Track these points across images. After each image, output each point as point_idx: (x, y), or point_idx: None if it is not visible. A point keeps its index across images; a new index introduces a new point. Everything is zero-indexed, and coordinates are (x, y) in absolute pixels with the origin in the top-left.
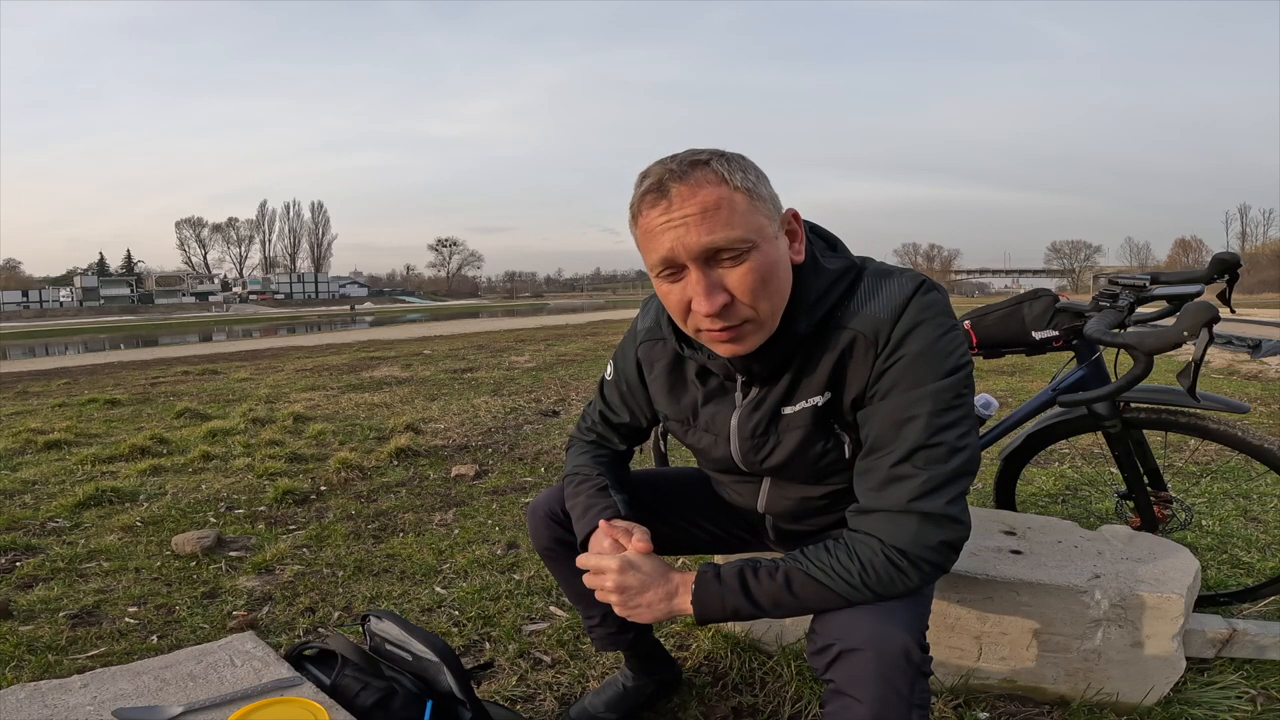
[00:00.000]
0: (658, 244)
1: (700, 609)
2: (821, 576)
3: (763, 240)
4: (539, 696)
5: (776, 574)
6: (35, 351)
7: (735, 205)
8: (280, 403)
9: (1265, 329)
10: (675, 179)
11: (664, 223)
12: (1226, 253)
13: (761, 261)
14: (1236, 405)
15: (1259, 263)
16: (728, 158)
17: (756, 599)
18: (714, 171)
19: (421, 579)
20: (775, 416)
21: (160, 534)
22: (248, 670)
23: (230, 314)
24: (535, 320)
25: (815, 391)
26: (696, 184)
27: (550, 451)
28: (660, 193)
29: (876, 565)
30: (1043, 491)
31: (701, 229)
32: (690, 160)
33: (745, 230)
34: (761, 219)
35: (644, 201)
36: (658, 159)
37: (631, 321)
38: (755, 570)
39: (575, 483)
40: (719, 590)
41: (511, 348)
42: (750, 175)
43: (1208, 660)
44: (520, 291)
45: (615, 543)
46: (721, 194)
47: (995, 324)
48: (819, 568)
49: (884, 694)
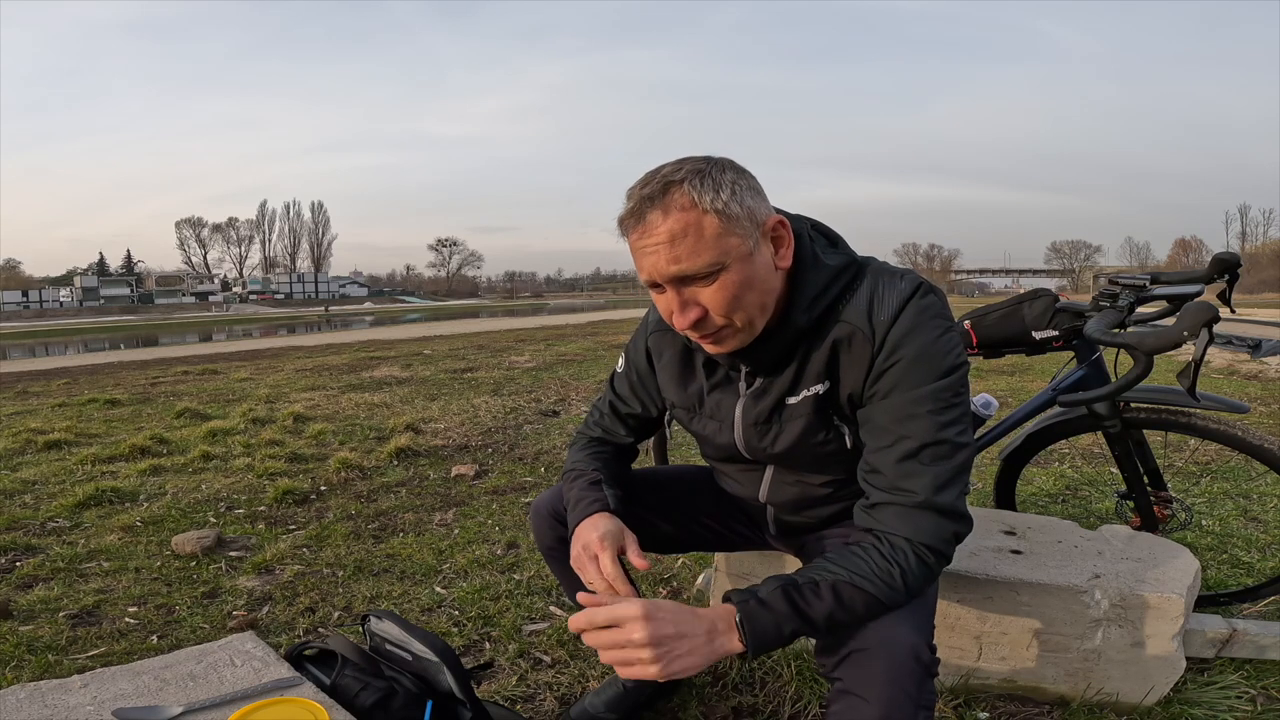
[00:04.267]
0: (639, 264)
1: (756, 641)
2: (868, 585)
3: (734, 260)
4: (539, 696)
5: (821, 589)
6: (35, 351)
7: (703, 230)
8: (280, 403)
9: (1265, 329)
10: (649, 204)
11: (640, 247)
12: (1226, 253)
13: (732, 280)
14: (1236, 405)
15: (1259, 263)
16: (705, 175)
17: (811, 618)
18: (686, 195)
19: (421, 579)
20: (779, 405)
21: (160, 534)
22: (248, 670)
23: (230, 314)
24: (535, 320)
25: (815, 381)
26: (666, 210)
27: (550, 451)
28: (637, 217)
29: (912, 565)
30: (1043, 491)
31: (670, 257)
32: (665, 182)
33: (714, 255)
34: (733, 239)
35: (625, 224)
36: (646, 171)
37: (645, 313)
38: (797, 588)
39: (570, 478)
40: (771, 617)
41: (511, 347)
42: (724, 193)
43: (1208, 660)
44: (520, 291)
45: (610, 588)
46: (689, 220)
47: (995, 324)
48: (864, 576)
49: (892, 694)
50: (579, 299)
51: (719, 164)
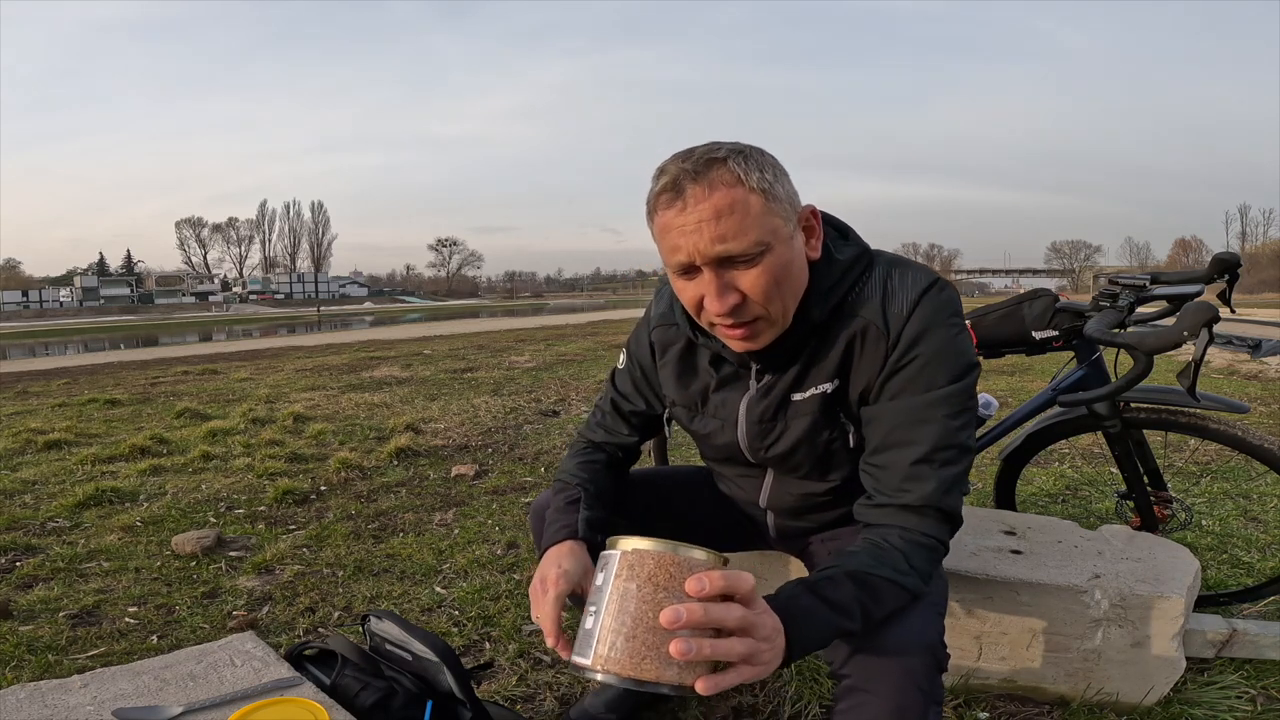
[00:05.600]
0: (673, 244)
1: (799, 644)
2: (881, 570)
3: (777, 242)
4: (539, 696)
5: (838, 579)
6: (35, 351)
7: (750, 208)
8: (280, 403)
9: (1265, 329)
10: (690, 179)
11: (679, 224)
12: (1226, 253)
13: (775, 263)
14: (1236, 405)
15: (1259, 263)
16: (746, 155)
17: (842, 604)
18: (730, 171)
19: (421, 579)
20: (784, 403)
21: (160, 534)
22: (248, 670)
23: (230, 314)
24: (535, 320)
25: (825, 379)
26: (711, 185)
27: (550, 451)
28: (675, 192)
29: (916, 550)
30: (1043, 491)
31: (715, 234)
32: (707, 158)
33: (759, 234)
34: (777, 220)
35: (659, 200)
36: (674, 153)
37: (646, 308)
38: (814, 583)
39: (555, 490)
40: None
41: (511, 347)
42: (768, 174)
43: (1208, 660)
44: (520, 291)
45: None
46: (736, 196)
47: (995, 324)
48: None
49: (905, 688)
50: (579, 299)
51: (755, 147)
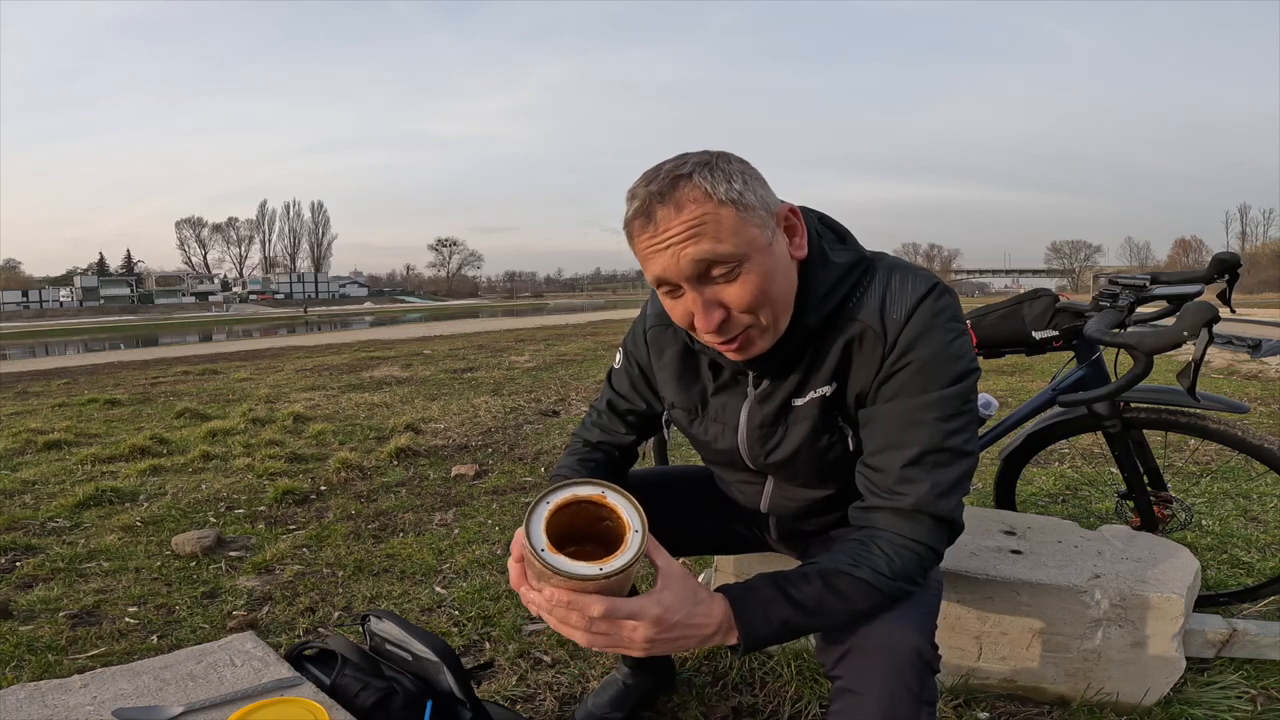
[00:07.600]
0: (650, 267)
1: (746, 627)
2: (855, 570)
3: (755, 251)
4: (539, 696)
5: (809, 575)
6: (35, 351)
7: (721, 221)
8: (280, 403)
9: (1265, 329)
10: (659, 200)
11: (652, 247)
12: (1226, 253)
13: (756, 273)
14: (1236, 405)
15: (1259, 263)
16: (713, 166)
17: (800, 601)
18: (697, 187)
19: (421, 579)
20: (785, 408)
21: (160, 534)
22: (248, 670)
23: (230, 314)
24: (535, 320)
25: (823, 382)
26: (679, 204)
27: (550, 451)
28: (646, 216)
29: (900, 554)
30: (1043, 491)
31: (689, 254)
32: (673, 176)
33: (733, 246)
34: (752, 229)
35: (633, 226)
36: (644, 172)
37: (641, 307)
38: (785, 576)
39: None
40: (758, 602)
41: (511, 347)
42: (736, 183)
43: (1208, 660)
44: (520, 291)
45: None
46: (705, 211)
47: (995, 324)
48: (852, 563)
49: (895, 689)
50: (579, 299)
51: (723, 155)
